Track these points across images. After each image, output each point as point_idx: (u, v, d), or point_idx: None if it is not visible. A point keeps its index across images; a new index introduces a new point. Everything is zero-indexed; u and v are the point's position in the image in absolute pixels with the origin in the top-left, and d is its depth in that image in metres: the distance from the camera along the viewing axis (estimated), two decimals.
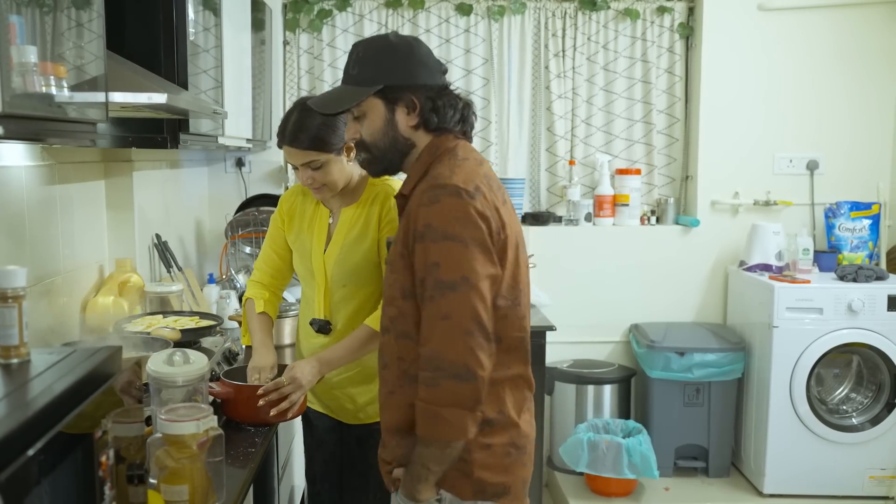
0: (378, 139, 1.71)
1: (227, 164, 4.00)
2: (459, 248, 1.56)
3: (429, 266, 1.57)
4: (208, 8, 2.63)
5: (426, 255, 1.58)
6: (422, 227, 1.58)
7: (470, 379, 1.55)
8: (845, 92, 4.09)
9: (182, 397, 1.79)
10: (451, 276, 1.55)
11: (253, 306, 2.30)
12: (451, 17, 4.07)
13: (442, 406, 1.56)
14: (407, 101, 1.67)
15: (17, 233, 2.10)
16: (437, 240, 1.56)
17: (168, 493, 1.53)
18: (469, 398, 1.56)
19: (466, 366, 1.55)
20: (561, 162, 4.15)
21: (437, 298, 1.56)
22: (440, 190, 1.59)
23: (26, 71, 1.35)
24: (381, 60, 1.67)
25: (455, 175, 1.61)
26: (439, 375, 1.55)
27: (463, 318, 1.55)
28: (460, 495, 1.67)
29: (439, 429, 1.58)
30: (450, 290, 1.55)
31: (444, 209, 1.57)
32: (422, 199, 1.61)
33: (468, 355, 1.55)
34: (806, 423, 3.67)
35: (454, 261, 1.56)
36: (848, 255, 3.98)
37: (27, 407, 1.11)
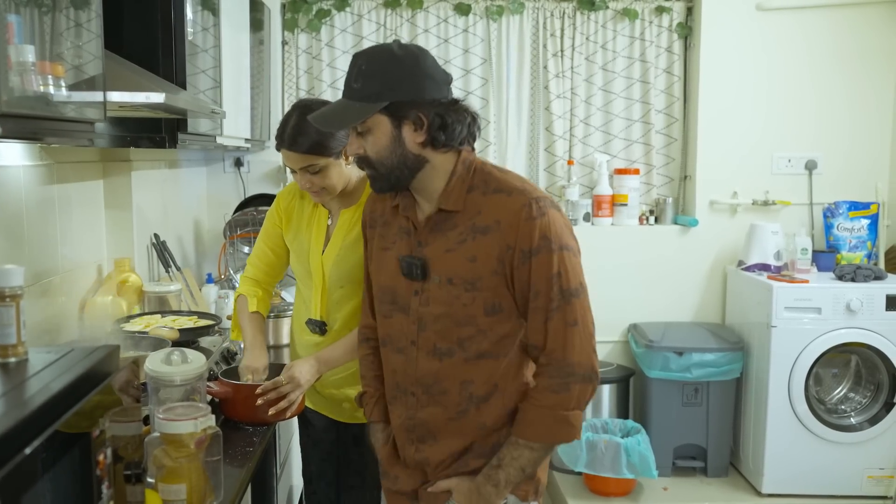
0: (385, 157, 1.62)
1: (225, 163, 4.01)
2: (572, 255, 1.62)
3: (552, 276, 1.60)
4: (207, 8, 2.63)
5: (548, 266, 1.59)
6: (538, 241, 1.59)
7: (595, 379, 1.64)
8: (844, 92, 4.09)
9: (180, 396, 1.80)
10: (572, 284, 1.61)
11: (246, 304, 2.29)
12: (450, 17, 4.07)
13: (570, 410, 1.62)
14: (414, 117, 1.59)
15: (15, 232, 2.10)
16: (556, 250, 1.59)
17: (166, 493, 1.53)
18: (588, 398, 1.65)
19: (593, 367, 1.63)
20: (559, 162, 4.16)
21: (563, 306, 1.61)
22: (542, 203, 1.61)
23: (24, 70, 1.35)
24: (385, 74, 1.58)
25: (535, 187, 1.67)
26: (571, 380, 1.61)
27: (587, 323, 1.63)
28: (524, 497, 1.74)
29: (564, 432, 1.64)
30: (574, 296, 1.61)
31: (553, 220, 1.61)
32: (528, 213, 1.59)
33: (593, 358, 1.64)
34: (804, 423, 3.67)
35: (573, 268, 1.62)
36: (846, 255, 3.98)
37: (24, 405, 1.11)
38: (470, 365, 1.67)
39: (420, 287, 1.68)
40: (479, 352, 1.66)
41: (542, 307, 1.61)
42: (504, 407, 1.69)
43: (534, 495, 1.76)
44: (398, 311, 1.73)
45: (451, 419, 1.71)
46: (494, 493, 1.67)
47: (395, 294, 1.73)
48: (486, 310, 1.64)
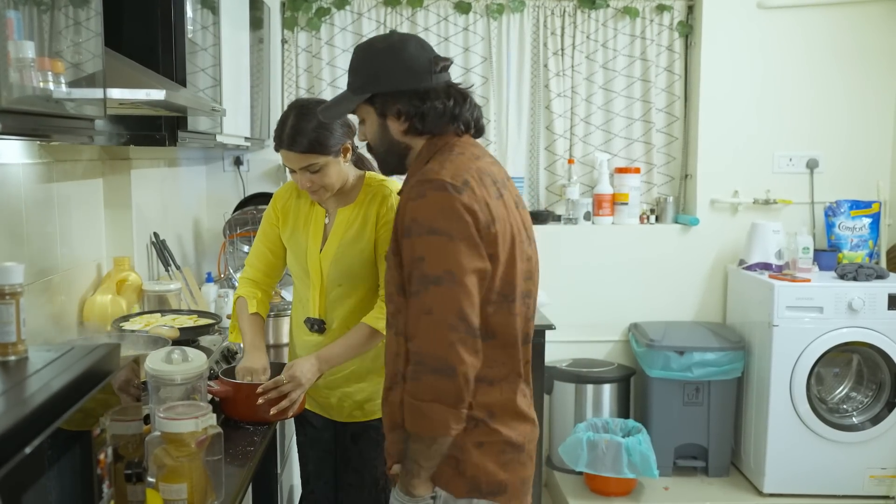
0: (377, 143, 1.76)
1: (225, 162, 3.99)
2: (444, 241, 1.55)
3: (414, 260, 1.57)
4: (207, 6, 2.62)
5: (412, 249, 1.58)
6: (408, 222, 1.58)
7: (450, 374, 1.54)
8: (845, 90, 4.08)
9: (180, 395, 1.78)
10: (435, 270, 1.55)
11: (245, 305, 2.28)
12: (450, 16, 4.06)
13: (424, 401, 1.55)
14: (394, 109, 1.69)
15: (14, 231, 2.09)
16: (423, 234, 1.56)
17: (166, 492, 1.52)
18: (450, 394, 1.55)
19: (447, 361, 1.54)
20: (560, 160, 4.15)
21: (421, 293, 1.56)
22: (427, 184, 1.59)
23: (24, 67, 1.34)
24: (367, 68, 1.70)
25: (444, 169, 1.61)
26: (421, 370, 1.55)
27: (445, 313, 1.54)
28: (454, 493, 1.66)
29: (421, 423, 1.57)
30: (434, 284, 1.54)
31: (430, 203, 1.57)
32: (409, 193, 1.61)
33: (449, 350, 1.53)
34: (806, 423, 3.66)
35: (438, 255, 1.55)
36: (848, 254, 3.97)
37: (24, 404, 1.10)
38: (398, 341, 1.68)
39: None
40: (398, 329, 1.67)
41: (407, 290, 1.61)
42: None
43: (475, 493, 1.66)
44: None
45: (388, 388, 1.72)
46: (407, 484, 1.65)
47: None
48: (397, 288, 1.66)
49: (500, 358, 1.67)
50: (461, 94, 1.71)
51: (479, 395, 1.64)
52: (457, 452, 1.64)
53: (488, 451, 1.66)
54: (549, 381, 3.93)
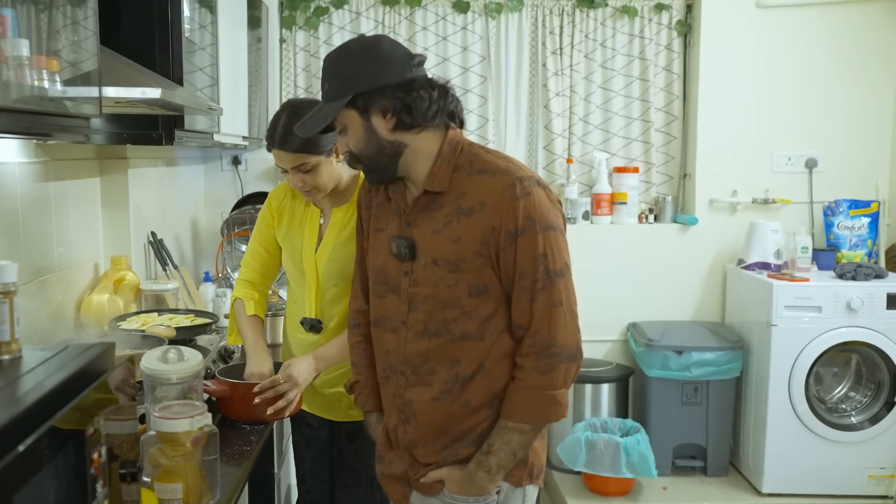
0: (364, 149, 1.66)
1: (223, 161, 3.99)
2: (559, 235, 1.63)
3: (538, 257, 1.60)
4: (204, 5, 2.62)
5: (534, 246, 1.60)
6: (523, 221, 1.59)
7: (580, 358, 1.65)
8: (844, 89, 4.08)
9: (176, 395, 1.78)
10: (557, 264, 1.62)
11: (243, 307, 2.27)
12: (449, 15, 4.06)
13: (557, 389, 1.62)
14: (378, 105, 1.62)
15: (11, 230, 2.08)
16: (542, 230, 1.60)
17: (162, 492, 1.51)
18: (573, 377, 1.65)
19: (578, 346, 1.64)
20: (558, 160, 4.14)
21: (548, 287, 1.61)
22: (527, 182, 1.61)
23: (19, 64, 1.34)
24: (343, 71, 1.63)
25: (519, 167, 1.65)
26: (556, 360, 1.61)
27: (571, 303, 1.64)
28: (515, 482, 1.73)
29: (551, 412, 1.64)
30: (559, 277, 1.62)
31: (538, 200, 1.60)
32: (512, 192, 1.59)
33: (577, 337, 1.65)
34: (805, 422, 3.66)
35: (558, 249, 1.62)
36: (847, 254, 3.97)
37: (17, 403, 1.10)
38: (456, 346, 1.67)
39: (409, 268, 1.70)
40: (464, 333, 1.66)
41: (527, 288, 1.62)
42: (488, 387, 1.68)
43: (528, 479, 1.74)
44: (390, 292, 1.74)
45: (434, 398, 1.71)
46: (487, 479, 1.67)
47: (388, 275, 1.75)
48: (471, 291, 1.65)
49: None
50: (442, 86, 1.68)
51: None
52: None
53: (542, 435, 1.75)
54: None
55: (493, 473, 1.67)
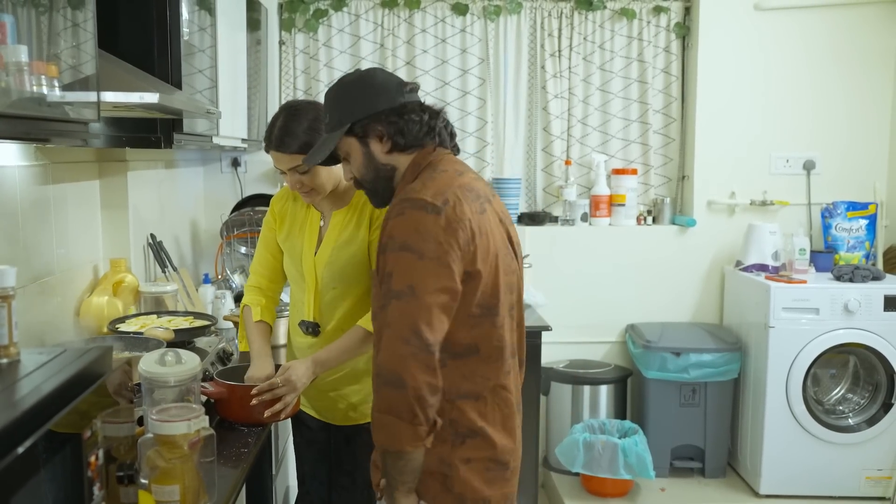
0: (364, 174, 1.79)
1: (222, 163, 4.00)
2: (413, 259, 1.58)
3: (385, 275, 1.62)
4: (203, 8, 2.63)
5: (385, 264, 1.63)
6: (385, 239, 1.64)
7: (400, 387, 1.55)
8: (842, 91, 4.09)
9: (174, 397, 1.79)
10: (399, 285, 1.58)
11: (250, 314, 2.29)
12: (447, 17, 4.07)
13: (381, 412, 1.59)
14: (374, 131, 1.74)
15: (10, 233, 2.10)
16: (395, 250, 1.61)
17: (159, 494, 1.52)
18: (402, 408, 1.56)
19: (398, 374, 1.56)
20: (557, 162, 4.15)
21: (386, 307, 1.60)
22: (407, 203, 1.63)
23: (17, 70, 1.35)
24: (341, 102, 1.76)
25: (426, 188, 1.64)
26: (379, 382, 1.59)
27: (401, 327, 1.57)
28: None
29: (380, 435, 1.61)
30: (395, 298, 1.58)
31: (407, 221, 1.61)
32: (390, 211, 1.67)
33: (400, 364, 1.56)
34: (802, 424, 3.67)
35: (404, 271, 1.59)
36: (844, 255, 3.97)
37: (15, 407, 1.11)
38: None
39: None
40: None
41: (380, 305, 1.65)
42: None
43: None
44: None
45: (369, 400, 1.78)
46: (390, 497, 1.67)
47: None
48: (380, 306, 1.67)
49: (484, 371, 1.69)
50: (434, 109, 1.78)
51: (466, 409, 1.67)
52: (445, 468, 1.67)
53: (475, 467, 1.69)
54: (545, 383, 3.93)
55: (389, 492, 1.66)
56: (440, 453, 1.66)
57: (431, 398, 1.57)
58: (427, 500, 1.68)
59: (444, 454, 1.66)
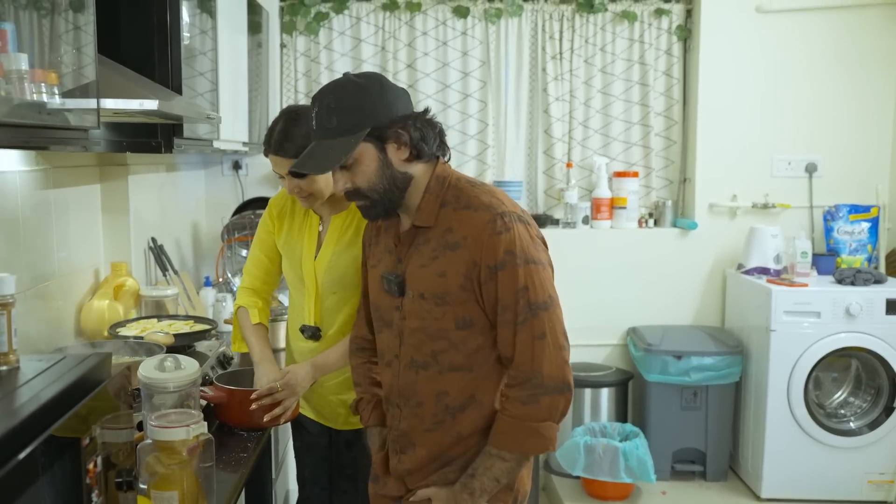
0: (376, 183, 1.65)
1: (223, 167, 4.01)
2: (541, 269, 1.63)
3: (518, 290, 1.61)
4: (204, 11, 2.63)
5: (514, 280, 1.61)
6: (502, 255, 1.61)
7: (567, 391, 1.63)
8: (843, 94, 4.08)
9: (173, 403, 1.79)
10: (540, 297, 1.61)
11: (247, 316, 2.28)
12: (448, 20, 4.07)
13: (540, 421, 1.62)
14: (395, 136, 1.63)
15: (11, 237, 2.10)
16: (522, 264, 1.61)
17: (158, 499, 1.52)
18: (561, 410, 1.63)
19: (564, 379, 1.62)
20: (558, 164, 4.15)
21: (530, 319, 1.61)
22: (507, 217, 1.62)
23: (18, 78, 1.35)
24: (358, 104, 1.62)
25: (499, 201, 1.66)
26: (539, 392, 1.61)
27: (556, 335, 1.62)
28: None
29: (532, 443, 1.64)
30: (543, 309, 1.61)
31: (519, 235, 1.62)
32: (492, 227, 1.61)
33: (565, 369, 1.62)
34: (804, 427, 3.66)
35: (540, 282, 1.62)
36: (847, 259, 3.97)
37: (14, 415, 1.11)
38: (444, 377, 1.70)
39: (400, 303, 1.72)
40: (451, 365, 1.69)
41: (510, 321, 1.63)
42: (481, 417, 1.70)
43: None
44: (385, 326, 1.79)
45: (427, 430, 1.74)
46: (469, 502, 1.69)
47: (381, 310, 1.80)
48: (458, 324, 1.67)
49: None
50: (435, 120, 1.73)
51: None
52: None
53: (528, 464, 1.75)
54: None
55: (475, 497, 1.68)
56: None
57: None
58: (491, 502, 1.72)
59: None
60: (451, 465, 1.73)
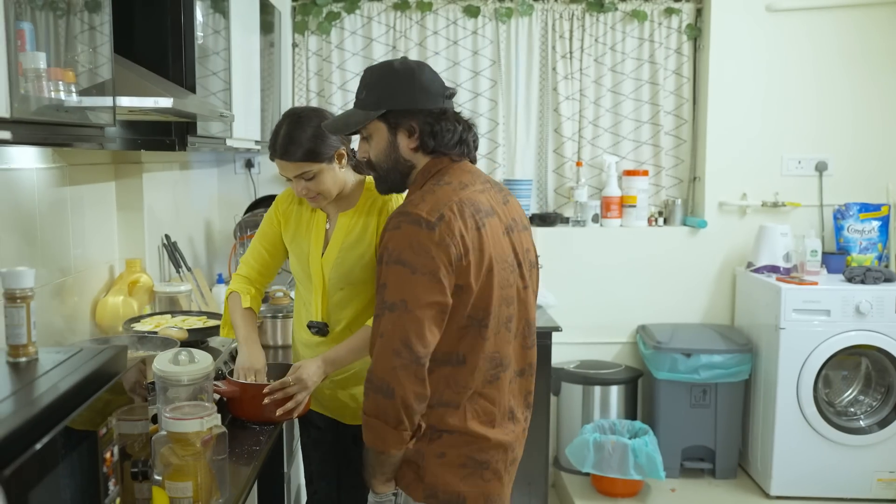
0: (382, 160, 1.81)
1: (236, 165, 4.04)
2: (406, 273, 1.64)
3: (379, 286, 1.67)
4: (218, 11, 2.66)
5: (379, 276, 1.68)
6: (381, 250, 1.69)
7: (389, 396, 1.63)
8: (853, 93, 4.08)
9: (187, 396, 1.82)
10: (392, 297, 1.64)
11: (238, 300, 2.31)
12: (459, 20, 4.09)
13: (369, 416, 1.67)
14: (407, 125, 1.76)
15: (28, 233, 2.14)
16: (390, 263, 1.66)
17: (172, 490, 1.56)
18: (389, 414, 1.65)
19: (388, 383, 1.63)
20: (568, 163, 4.17)
21: (379, 317, 1.66)
22: (403, 217, 1.68)
23: (36, 77, 1.38)
24: (385, 86, 1.77)
25: (423, 203, 1.69)
26: (369, 387, 1.66)
27: (393, 339, 1.63)
28: (413, 496, 1.77)
29: (367, 436, 1.71)
30: (388, 310, 1.64)
31: (402, 235, 1.66)
32: (388, 224, 1.70)
33: (390, 374, 1.63)
34: (813, 425, 3.67)
35: (398, 284, 1.64)
36: (857, 257, 3.97)
37: (33, 404, 1.14)
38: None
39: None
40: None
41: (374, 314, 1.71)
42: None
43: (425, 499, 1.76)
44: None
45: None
46: (369, 479, 1.79)
47: None
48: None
49: (468, 382, 1.74)
50: (467, 122, 1.82)
51: (446, 413, 1.73)
52: (418, 459, 1.75)
53: (449, 462, 1.75)
54: (556, 383, 3.95)
55: (369, 477, 1.78)
56: (416, 446, 1.74)
57: (418, 406, 1.66)
58: (401, 486, 1.78)
59: (420, 447, 1.74)
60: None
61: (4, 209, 2.01)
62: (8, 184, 2.05)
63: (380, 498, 1.79)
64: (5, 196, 2.02)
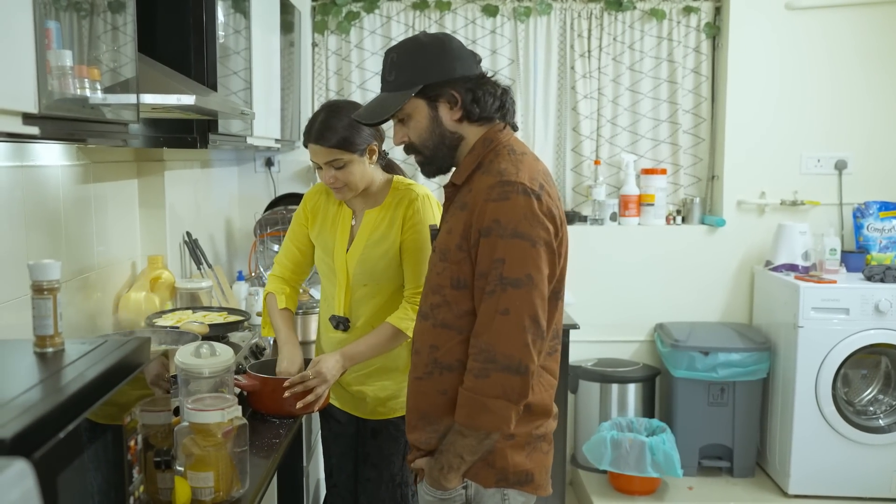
0: (426, 139, 1.73)
1: (256, 163, 4.08)
2: (527, 246, 1.59)
3: (494, 261, 1.60)
4: (238, 11, 2.70)
5: (493, 250, 1.60)
6: (489, 223, 1.61)
7: (522, 372, 1.59)
8: (873, 91, 4.06)
9: (209, 388, 1.85)
10: (515, 273, 1.58)
11: (275, 301, 2.35)
12: (478, 19, 4.11)
13: (489, 397, 1.59)
14: (447, 96, 1.69)
15: (53, 230, 2.18)
16: (505, 236, 1.59)
17: (194, 480, 1.59)
18: (517, 391, 1.60)
19: (520, 360, 1.59)
20: (586, 162, 4.18)
21: (497, 293, 1.59)
22: (509, 187, 1.61)
23: (62, 74, 1.42)
24: (416, 62, 1.70)
25: (521, 172, 1.63)
26: (491, 367, 1.59)
27: (521, 315, 1.59)
28: (484, 483, 1.72)
29: (482, 419, 1.61)
30: (512, 286, 1.58)
31: (514, 207, 1.59)
32: (490, 194, 1.62)
33: (523, 350, 1.59)
34: (832, 424, 3.65)
35: (520, 258, 1.59)
36: (877, 256, 3.95)
37: (60, 392, 1.17)
38: (437, 332, 1.71)
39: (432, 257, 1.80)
40: (444, 321, 1.70)
41: (481, 288, 1.63)
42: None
43: (503, 482, 1.72)
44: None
45: (418, 378, 1.76)
46: (440, 477, 1.70)
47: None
48: (453, 282, 1.68)
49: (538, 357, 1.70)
50: (503, 86, 1.76)
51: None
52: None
53: (517, 443, 1.72)
54: (574, 381, 3.96)
55: (444, 472, 1.69)
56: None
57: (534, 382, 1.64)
58: (470, 477, 1.71)
59: None
60: (434, 426, 1.73)
61: (30, 206, 2.05)
62: (34, 181, 2.09)
63: (449, 494, 1.71)
64: (31, 193, 2.06)
